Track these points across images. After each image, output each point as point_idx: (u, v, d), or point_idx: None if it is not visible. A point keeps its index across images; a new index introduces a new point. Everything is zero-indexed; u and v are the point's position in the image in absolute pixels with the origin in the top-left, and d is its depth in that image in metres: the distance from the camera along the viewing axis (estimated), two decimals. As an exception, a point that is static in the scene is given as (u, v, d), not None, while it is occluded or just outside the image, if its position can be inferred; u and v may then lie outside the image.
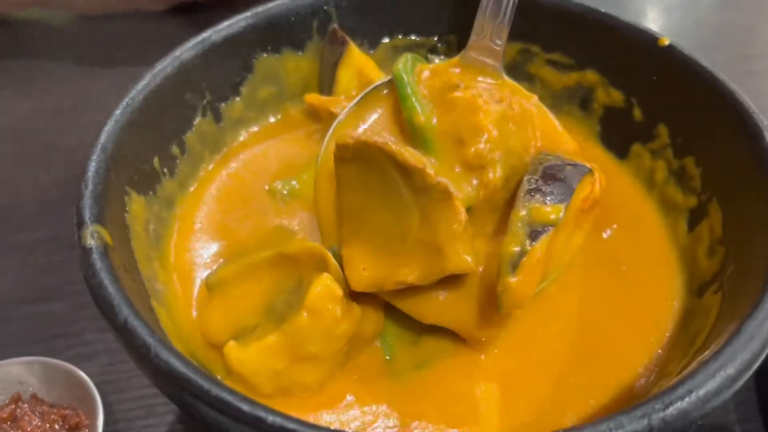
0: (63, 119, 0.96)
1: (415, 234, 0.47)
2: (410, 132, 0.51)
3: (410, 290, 0.49)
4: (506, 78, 0.57)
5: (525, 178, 0.48)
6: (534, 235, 0.45)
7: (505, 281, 0.45)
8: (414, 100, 0.51)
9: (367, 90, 0.56)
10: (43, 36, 1.10)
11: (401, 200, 0.47)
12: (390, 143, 0.46)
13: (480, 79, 0.55)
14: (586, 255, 0.57)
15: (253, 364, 0.47)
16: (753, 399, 0.67)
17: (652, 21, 1.15)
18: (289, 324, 0.47)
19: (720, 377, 0.39)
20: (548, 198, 0.47)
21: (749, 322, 0.41)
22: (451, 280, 0.48)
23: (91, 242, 0.45)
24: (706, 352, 0.42)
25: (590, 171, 0.50)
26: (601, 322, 0.54)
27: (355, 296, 0.49)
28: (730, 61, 1.01)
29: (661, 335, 0.53)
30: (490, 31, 0.57)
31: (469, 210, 0.48)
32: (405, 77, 0.53)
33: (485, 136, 0.49)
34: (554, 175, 0.48)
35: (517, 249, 0.45)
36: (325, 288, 0.47)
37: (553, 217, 0.46)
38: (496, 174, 0.49)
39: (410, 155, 0.45)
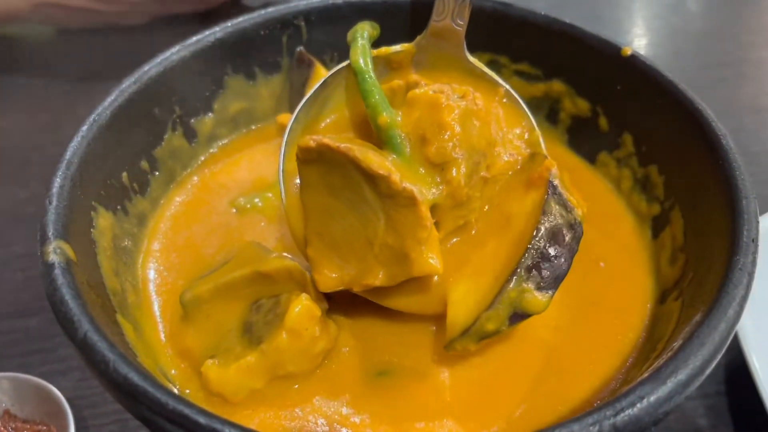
0: (41, 134, 0.97)
1: (381, 238, 0.47)
2: (374, 128, 0.51)
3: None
4: (471, 59, 0.57)
5: (530, 246, 0.47)
6: (514, 319, 0.47)
7: (466, 344, 0.48)
8: (377, 96, 0.51)
9: (324, 78, 0.56)
10: (21, 51, 1.10)
11: (366, 204, 0.47)
12: (353, 148, 0.46)
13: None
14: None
15: (232, 384, 0.48)
16: (723, 404, 0.67)
17: (630, 30, 1.17)
18: (268, 344, 0.47)
19: (671, 383, 0.39)
20: (542, 282, 0.47)
21: (701, 329, 0.42)
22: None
23: (53, 258, 0.45)
24: (660, 359, 0.43)
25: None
26: (576, 325, 0.54)
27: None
28: (703, 69, 1.02)
29: (632, 340, 0.54)
30: (452, 10, 0.57)
31: (433, 207, 0.48)
32: (364, 68, 0.53)
33: (448, 134, 0.48)
34: (550, 256, 0.47)
35: (493, 328, 0.47)
36: (304, 308, 0.48)
37: (539, 307, 0.47)
38: (459, 171, 0.48)
39: (374, 162, 0.45)
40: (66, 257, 0.45)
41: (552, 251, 0.47)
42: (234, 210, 0.61)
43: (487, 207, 0.52)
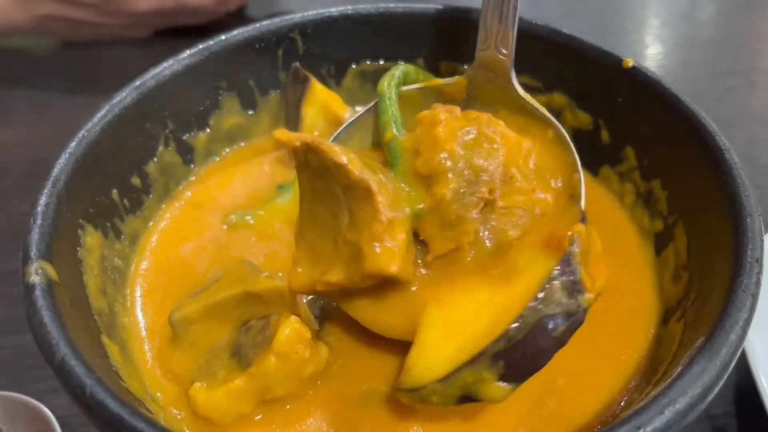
0: (43, 148, 0.96)
1: (344, 234, 0.46)
2: (383, 145, 0.52)
3: (358, 296, 0.48)
4: (521, 93, 0.56)
5: (505, 330, 0.42)
6: (464, 400, 0.44)
7: (408, 401, 0.45)
8: (390, 115, 0.52)
9: (356, 115, 0.57)
10: (25, 65, 1.10)
11: (337, 202, 0.47)
12: (323, 142, 0.46)
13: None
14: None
15: (219, 408, 0.47)
16: (733, 425, 0.65)
17: (638, 39, 1.15)
18: (257, 367, 0.46)
19: (669, 412, 0.38)
20: (507, 375, 0.43)
21: (702, 354, 0.40)
22: (391, 288, 0.47)
23: (34, 278, 0.44)
24: (660, 386, 0.41)
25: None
26: (578, 344, 0.51)
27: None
28: (712, 78, 1.00)
29: (635, 360, 0.52)
30: (495, 37, 0.56)
31: (421, 224, 0.47)
32: (387, 93, 0.54)
33: (438, 147, 0.48)
34: (526, 350, 0.43)
35: (437, 402, 0.44)
36: (293, 331, 0.47)
37: (496, 398, 0.43)
38: (447, 186, 0.47)
39: (337, 153, 0.45)
40: (47, 278, 0.45)
41: (529, 347, 0.42)
42: (225, 227, 0.60)
43: (489, 237, 0.48)
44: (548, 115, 0.55)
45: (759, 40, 1.16)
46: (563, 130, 0.53)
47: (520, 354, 0.42)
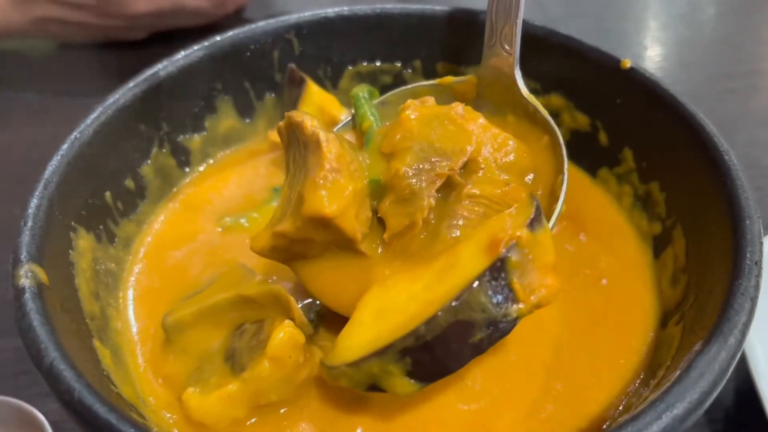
0: (40, 150, 0.96)
1: (298, 190, 0.46)
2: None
3: (314, 262, 0.48)
4: (525, 95, 0.56)
5: (414, 329, 0.41)
6: (372, 389, 0.43)
7: (328, 377, 0.45)
8: (365, 109, 0.54)
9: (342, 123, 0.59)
10: (21, 67, 1.10)
11: (302, 163, 0.47)
12: (295, 111, 0.48)
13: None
14: (566, 263, 0.56)
15: (213, 413, 0.46)
16: (732, 429, 0.65)
17: (638, 41, 1.15)
18: (250, 372, 0.46)
19: (667, 417, 0.37)
20: (414, 372, 0.41)
21: (700, 359, 0.39)
22: (347, 260, 0.48)
23: (24, 282, 0.44)
24: (658, 390, 0.40)
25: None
26: (577, 346, 0.52)
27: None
28: (712, 80, 1.00)
29: (634, 363, 0.51)
30: (500, 35, 0.56)
31: (380, 205, 0.48)
32: (360, 93, 0.56)
33: (401, 128, 0.49)
34: (435, 352, 0.41)
35: (345, 385, 0.43)
36: (287, 335, 0.46)
37: (403, 391, 0.42)
38: (404, 160, 0.48)
39: (299, 114, 0.47)
40: (38, 281, 0.44)
41: (439, 349, 0.40)
42: (219, 229, 0.60)
43: (450, 225, 0.48)
44: (548, 117, 0.55)
45: (759, 42, 1.15)
46: (559, 135, 0.54)
47: (428, 354, 0.40)
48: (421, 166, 0.48)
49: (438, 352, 0.40)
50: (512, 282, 0.40)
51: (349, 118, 0.58)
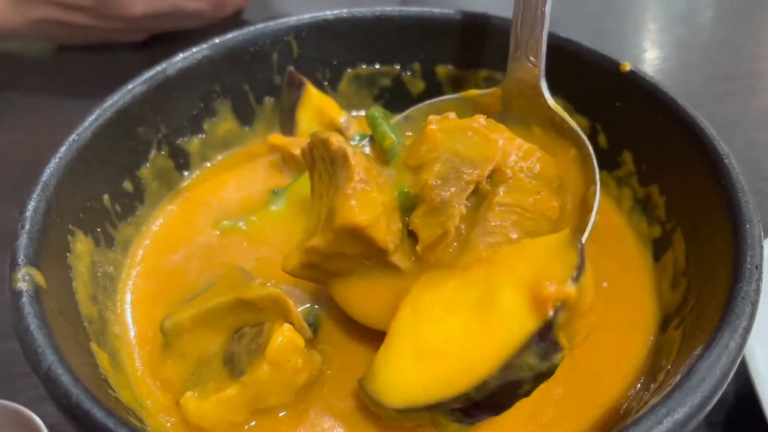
0: (38, 152, 0.96)
1: (327, 204, 0.47)
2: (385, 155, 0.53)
3: (346, 278, 0.49)
4: (552, 105, 0.56)
5: (466, 390, 0.41)
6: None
7: (367, 402, 0.45)
8: (384, 127, 0.54)
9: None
10: (18, 68, 1.10)
11: (330, 181, 0.48)
12: (320, 131, 0.49)
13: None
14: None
15: (211, 417, 0.46)
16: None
17: (637, 43, 1.15)
18: (249, 376, 0.46)
19: (668, 423, 0.37)
20: (465, 421, 0.43)
21: (701, 363, 0.39)
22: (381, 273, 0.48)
23: (21, 285, 0.43)
24: (659, 395, 0.40)
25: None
26: (577, 350, 0.51)
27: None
28: (711, 82, 1.00)
29: (634, 367, 0.51)
30: (525, 47, 0.56)
31: (411, 217, 0.48)
32: (376, 113, 0.55)
33: (426, 141, 0.49)
34: (484, 408, 0.42)
35: (389, 420, 0.44)
36: (286, 339, 0.46)
37: None
38: (432, 171, 0.48)
39: (322, 132, 0.48)
40: (35, 285, 0.44)
41: (489, 404, 0.41)
42: (217, 232, 0.60)
43: (483, 233, 0.47)
44: (576, 128, 0.55)
45: (758, 45, 1.15)
46: (588, 145, 0.53)
47: (478, 410, 0.42)
48: (449, 176, 0.48)
49: (487, 407, 0.42)
50: (559, 338, 0.40)
51: (366, 138, 0.57)
